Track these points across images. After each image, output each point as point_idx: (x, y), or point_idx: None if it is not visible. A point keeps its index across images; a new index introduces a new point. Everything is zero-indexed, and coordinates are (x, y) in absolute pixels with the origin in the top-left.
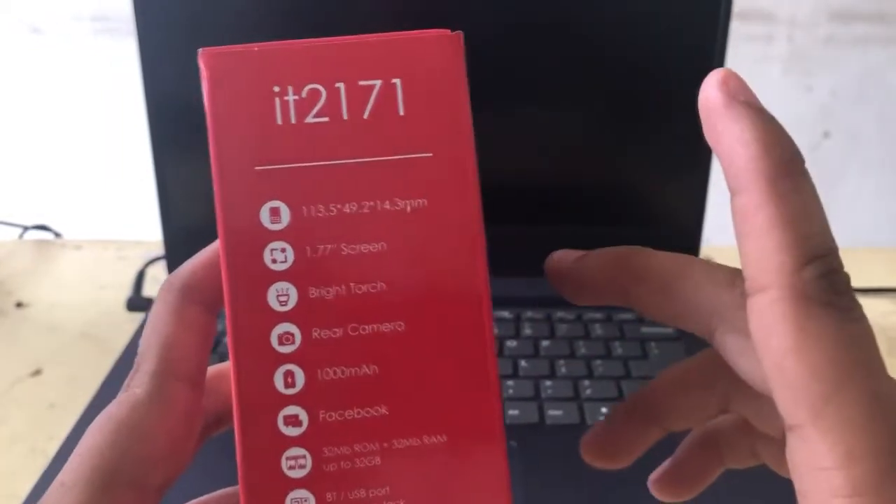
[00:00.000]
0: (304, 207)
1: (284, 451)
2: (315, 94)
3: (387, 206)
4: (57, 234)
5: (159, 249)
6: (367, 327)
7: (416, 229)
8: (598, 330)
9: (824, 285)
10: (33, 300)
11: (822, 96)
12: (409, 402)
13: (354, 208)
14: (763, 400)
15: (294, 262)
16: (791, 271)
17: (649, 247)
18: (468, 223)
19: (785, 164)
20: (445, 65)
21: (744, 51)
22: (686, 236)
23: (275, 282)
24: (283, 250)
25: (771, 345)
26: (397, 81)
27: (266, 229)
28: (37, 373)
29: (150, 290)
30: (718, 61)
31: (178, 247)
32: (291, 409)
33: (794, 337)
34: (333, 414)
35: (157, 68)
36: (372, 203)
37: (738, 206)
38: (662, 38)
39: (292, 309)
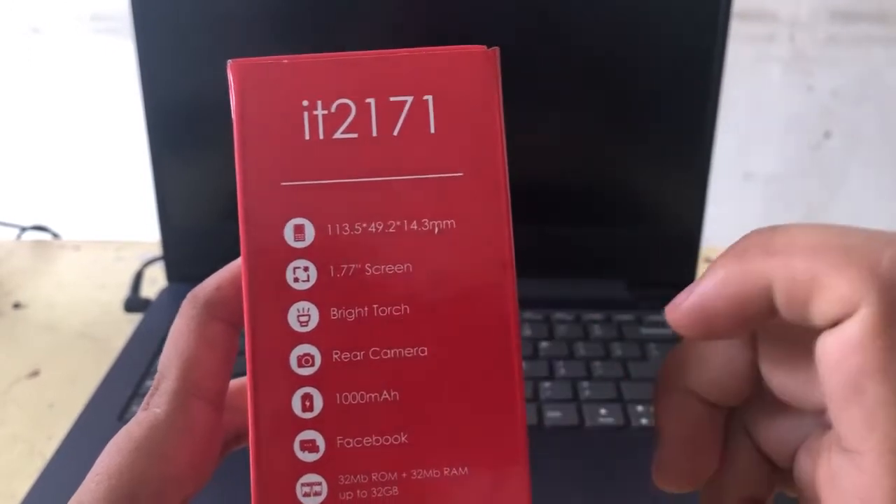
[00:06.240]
0: (328, 225)
1: (300, 477)
2: (345, 110)
3: (413, 226)
4: (55, 235)
5: (157, 250)
6: (388, 351)
7: (444, 251)
8: (597, 331)
9: None
10: (31, 301)
11: (823, 96)
12: (430, 431)
13: (380, 228)
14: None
15: (317, 281)
16: None
17: (650, 246)
18: (497, 247)
19: None
20: (480, 82)
21: (744, 51)
22: (686, 236)
23: (296, 301)
24: (306, 269)
25: (851, 364)
26: (429, 98)
27: (290, 247)
28: (35, 373)
29: (148, 290)
30: (718, 61)
31: (176, 247)
32: (308, 434)
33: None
34: (351, 441)
35: (155, 68)
36: (398, 223)
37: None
38: (662, 38)
39: (313, 330)
